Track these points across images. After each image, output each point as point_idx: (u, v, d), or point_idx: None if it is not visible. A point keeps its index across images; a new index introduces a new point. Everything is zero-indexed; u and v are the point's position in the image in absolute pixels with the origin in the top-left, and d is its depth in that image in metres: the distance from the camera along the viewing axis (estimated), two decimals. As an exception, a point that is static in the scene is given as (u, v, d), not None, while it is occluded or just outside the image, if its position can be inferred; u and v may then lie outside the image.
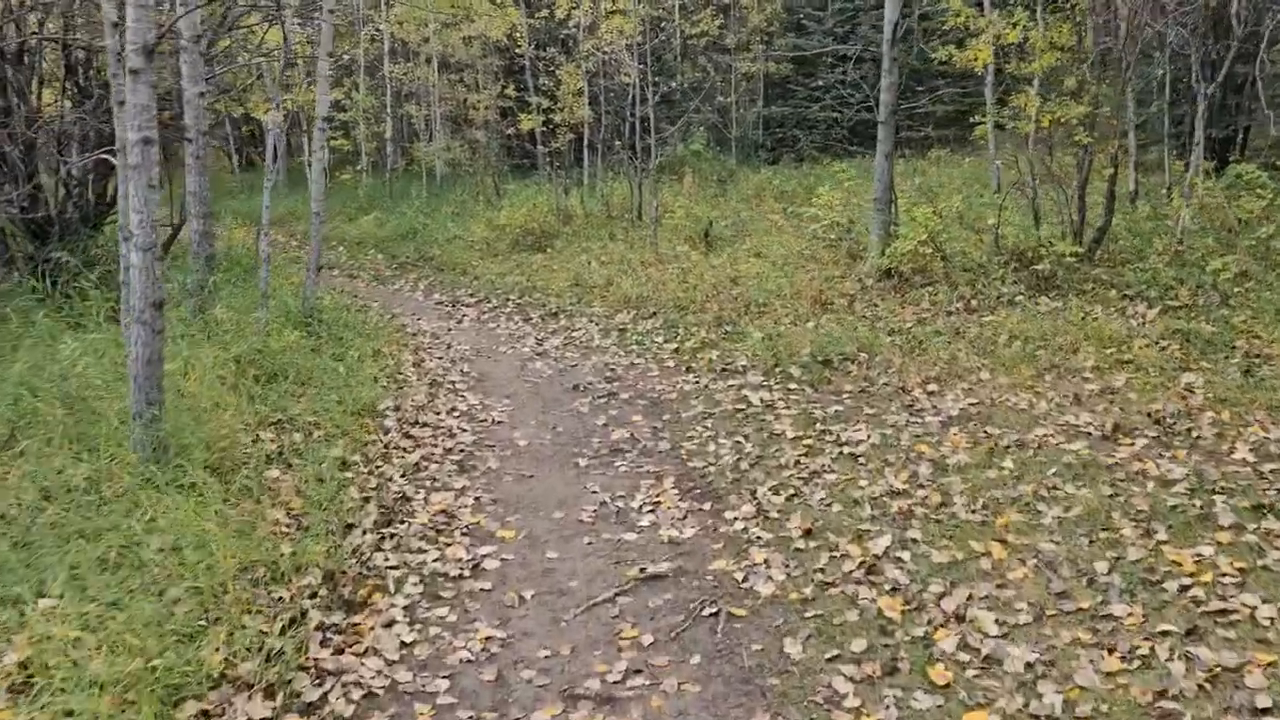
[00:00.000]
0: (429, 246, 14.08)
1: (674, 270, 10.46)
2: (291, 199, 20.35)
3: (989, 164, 14.32)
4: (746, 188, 16.77)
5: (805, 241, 10.89)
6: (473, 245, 13.74)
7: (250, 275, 10.60)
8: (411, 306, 10.97)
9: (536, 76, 18.96)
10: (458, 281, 12.10)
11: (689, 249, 11.55)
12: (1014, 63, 9.48)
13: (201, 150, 8.12)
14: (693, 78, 21.28)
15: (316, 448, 5.79)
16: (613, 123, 16.18)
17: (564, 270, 11.62)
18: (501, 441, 6.12)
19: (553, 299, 10.41)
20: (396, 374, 7.43)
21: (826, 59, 21.19)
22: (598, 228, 13.75)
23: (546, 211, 14.36)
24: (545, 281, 11.23)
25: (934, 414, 5.96)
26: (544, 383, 7.46)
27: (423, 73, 18.34)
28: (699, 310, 8.99)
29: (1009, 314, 7.85)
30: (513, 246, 13.37)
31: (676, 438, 6.01)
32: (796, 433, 5.81)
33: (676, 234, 12.43)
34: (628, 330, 8.84)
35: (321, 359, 7.30)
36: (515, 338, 9.12)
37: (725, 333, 8.33)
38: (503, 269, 12.23)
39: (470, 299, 11.13)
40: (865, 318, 8.34)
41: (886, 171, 9.41)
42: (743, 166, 18.92)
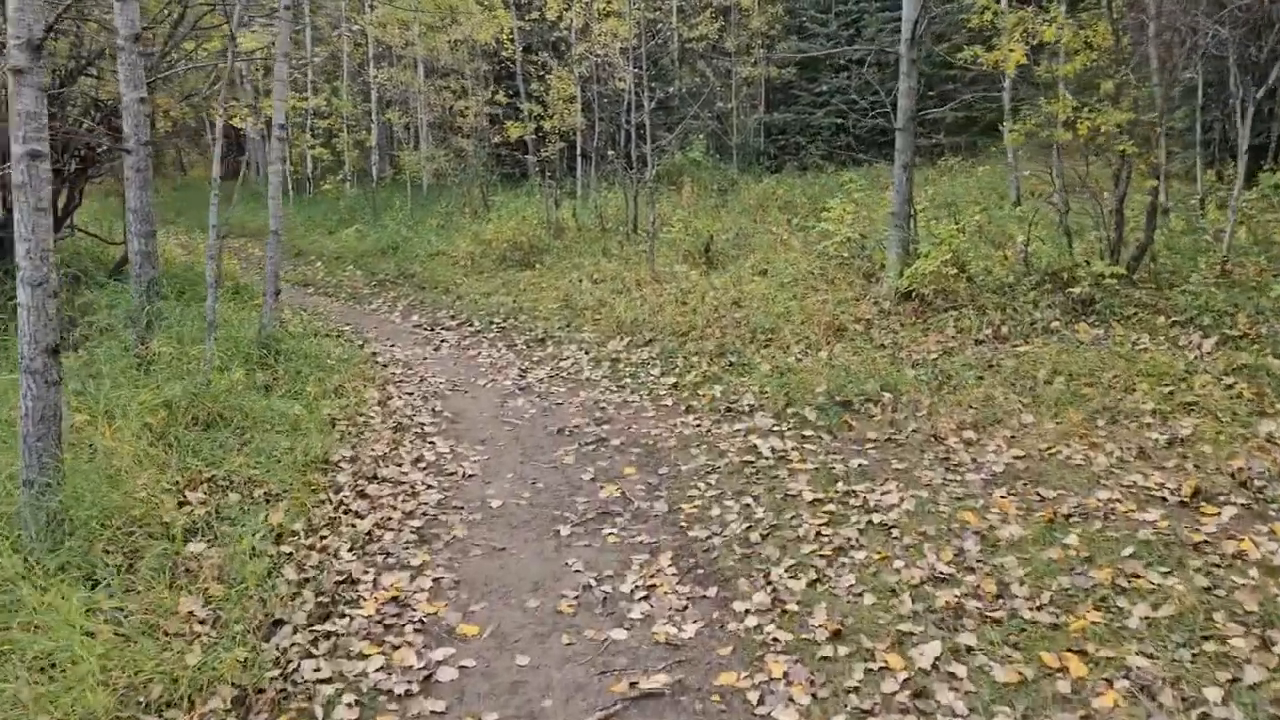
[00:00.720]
0: (411, 263, 13.27)
1: (672, 291, 9.65)
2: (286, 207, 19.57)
3: (1007, 173, 13.54)
4: (748, 198, 15.97)
5: (814, 259, 10.08)
6: (457, 261, 12.93)
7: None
8: (387, 330, 10.16)
9: (528, 82, 18.19)
10: (439, 302, 11.28)
11: (688, 267, 10.74)
12: (1044, 64, 8.69)
13: (143, 163, 7.31)
14: (691, 83, 20.51)
15: (255, 511, 4.98)
16: (607, 130, 15.39)
17: (553, 289, 10.82)
18: (471, 501, 5.30)
19: (540, 323, 9.59)
20: (358, 415, 6.60)
21: (831, 63, 20.44)
22: (590, 242, 12.95)
23: (536, 224, 13.56)
24: (533, 302, 10.41)
25: (974, 469, 5.15)
26: (525, 425, 6.64)
27: (406, 77, 17.55)
28: (699, 337, 8.17)
29: (1046, 344, 7.05)
30: (499, 263, 12.57)
31: (675, 498, 5.19)
32: (815, 494, 4.99)
33: (674, 249, 11.63)
34: (621, 361, 8.03)
35: (273, 399, 6.48)
36: (497, 368, 8.30)
37: (729, 364, 7.52)
38: (488, 288, 11.42)
39: (451, 322, 10.32)
40: (884, 347, 7.53)
41: (905, 184, 8.61)
42: (744, 175, 18.14)
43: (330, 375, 7.32)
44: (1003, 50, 8.06)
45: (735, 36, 19.80)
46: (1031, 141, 15.07)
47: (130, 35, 7.06)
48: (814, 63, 20.89)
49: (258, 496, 5.17)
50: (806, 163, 19.79)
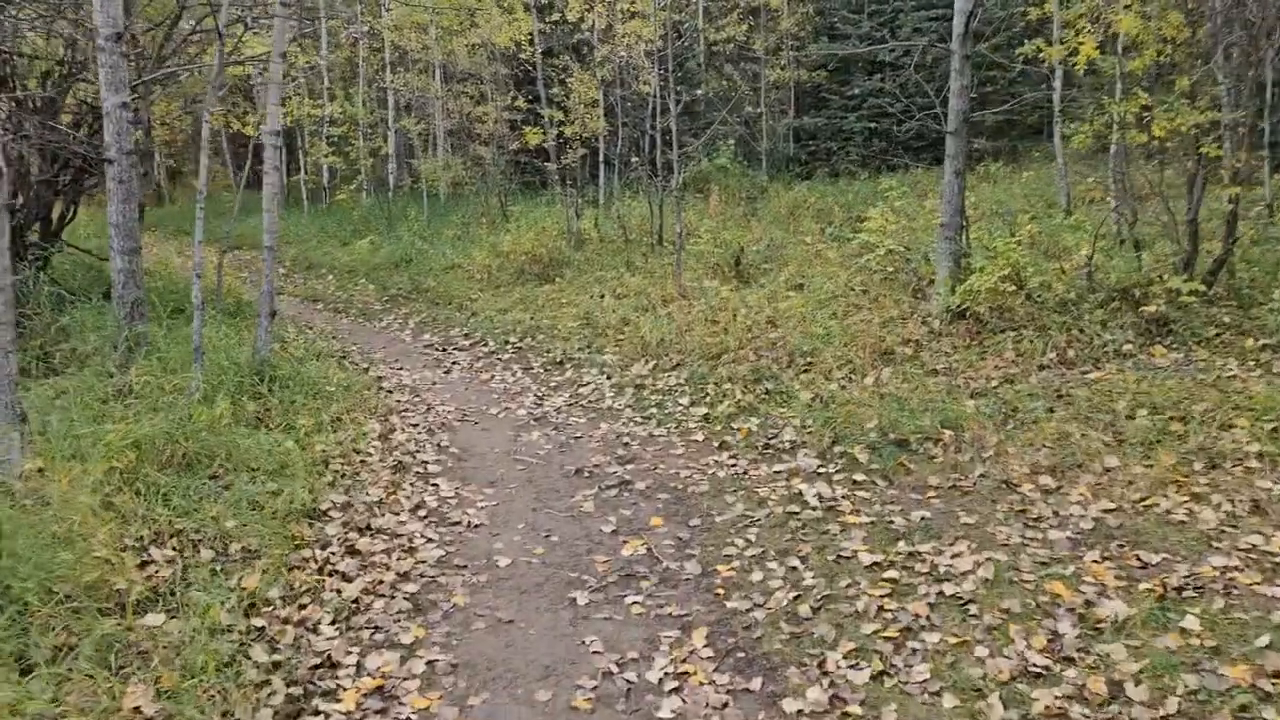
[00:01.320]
0: (424, 276, 12.69)
1: (701, 308, 8.99)
2: (286, 221, 19.07)
3: (1056, 179, 12.78)
4: (779, 206, 15.30)
5: (854, 273, 9.39)
6: (472, 275, 12.34)
7: (211, 321, 9.23)
8: (396, 351, 9.56)
9: (550, 86, 17.61)
10: (452, 319, 10.68)
11: (718, 282, 10.08)
12: (1106, 59, 7.98)
13: (125, 174, 6.75)
14: (718, 87, 19.87)
15: (229, 571, 4.39)
16: (630, 136, 14.78)
17: (573, 306, 10.19)
18: (476, 559, 4.66)
19: (559, 343, 8.96)
20: (355, 452, 5.98)
21: (863, 65, 19.74)
22: (613, 254, 12.32)
23: (556, 235, 12.95)
24: (551, 320, 9.79)
25: (1057, 525, 4.45)
26: (540, 463, 5.99)
27: (421, 82, 17.01)
28: (732, 361, 7.51)
29: (1120, 370, 6.34)
30: (517, 276, 11.96)
31: (709, 557, 4.53)
32: (873, 555, 4.31)
33: (702, 262, 10.98)
34: (646, 387, 7.38)
35: (262, 435, 5.88)
36: (511, 394, 7.68)
37: (765, 392, 6.85)
38: (504, 304, 10.81)
39: (464, 341, 9.71)
40: (937, 373, 6.84)
41: (957, 192, 7.91)
42: (774, 183, 17.47)
43: (329, 405, 6.71)
44: (1071, 42, 7.35)
45: (764, 39, 19.15)
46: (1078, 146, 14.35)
47: (111, 34, 6.51)
48: (846, 65, 20.20)
49: (234, 553, 4.56)
50: (839, 169, 19.09)
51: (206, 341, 7.59)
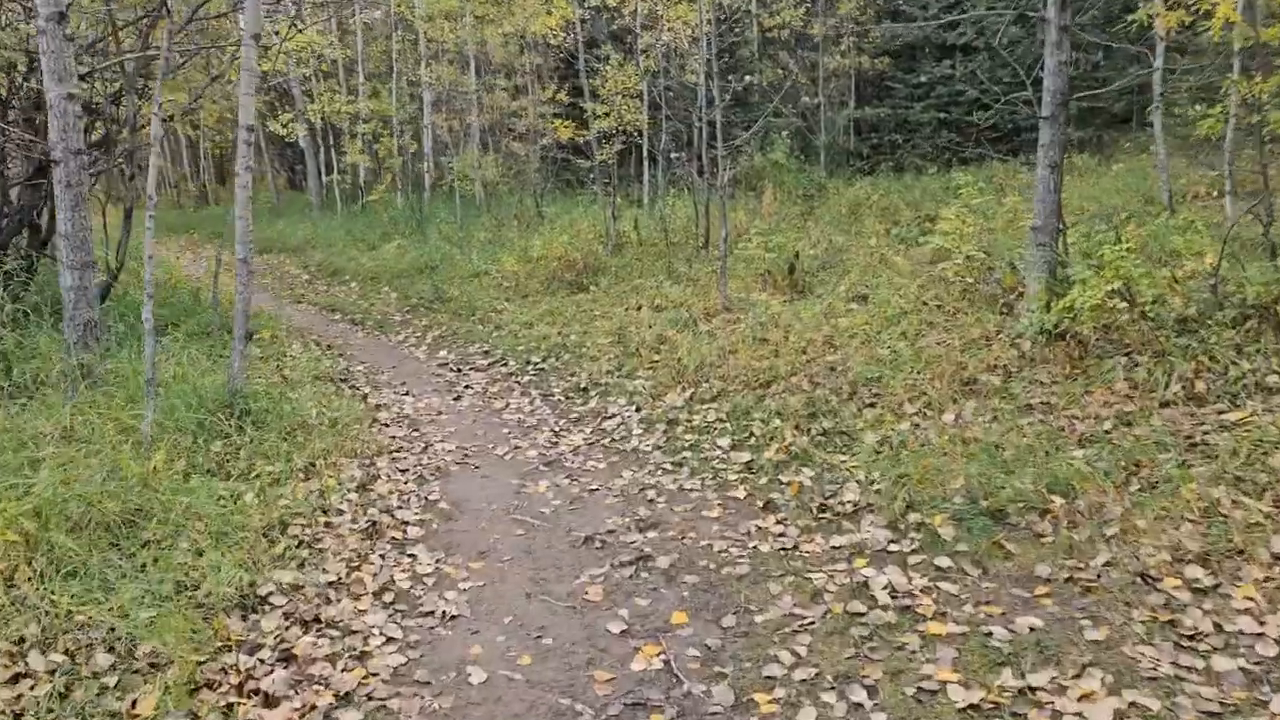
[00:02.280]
0: (449, 284, 11.75)
1: (748, 325, 7.88)
2: (316, 223, 18.34)
3: (1156, 172, 11.41)
4: (838, 205, 14.10)
5: (926, 282, 8.21)
6: (500, 283, 11.37)
7: (195, 339, 8.40)
8: (407, 370, 8.61)
9: (592, 77, 16.62)
10: (473, 333, 9.70)
11: (768, 293, 8.97)
12: (1239, 27, 6.70)
13: (74, 175, 5.87)
14: (773, 76, 18.68)
15: (127, 687, 3.44)
16: (675, 129, 13.69)
17: (606, 319, 9.15)
18: (444, 670, 3.63)
19: (586, 364, 7.92)
20: (323, 508, 5.00)
21: (930, 50, 18.41)
22: (654, 259, 11.25)
23: (592, 238, 11.93)
24: (580, 337, 8.76)
25: (1223, 648, 3.28)
26: (543, 526, 4.95)
27: (448, 73, 16.10)
28: (783, 390, 6.40)
29: (1268, 408, 5.10)
30: (548, 285, 10.95)
31: (746, 679, 3.44)
32: (969, 691, 3.18)
33: (751, 269, 9.86)
34: (679, 423, 6.30)
35: (215, 486, 4.94)
36: (524, 429, 6.66)
37: (822, 433, 5.73)
38: (530, 316, 9.80)
39: (482, 360, 8.72)
40: (1031, 409, 5.67)
41: (1051, 189, 6.70)
42: (833, 179, 16.24)
43: (306, 446, 5.75)
44: (1203, 3, 6.10)
45: (823, 23, 17.92)
46: (1173, 135, 12.91)
47: (53, 14, 5.62)
48: (911, 50, 18.89)
49: (141, 657, 3.61)
50: (904, 163, 17.80)
51: (176, 369, 6.71)
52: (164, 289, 10.71)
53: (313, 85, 19.87)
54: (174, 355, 7.23)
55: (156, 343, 5.71)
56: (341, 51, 18.94)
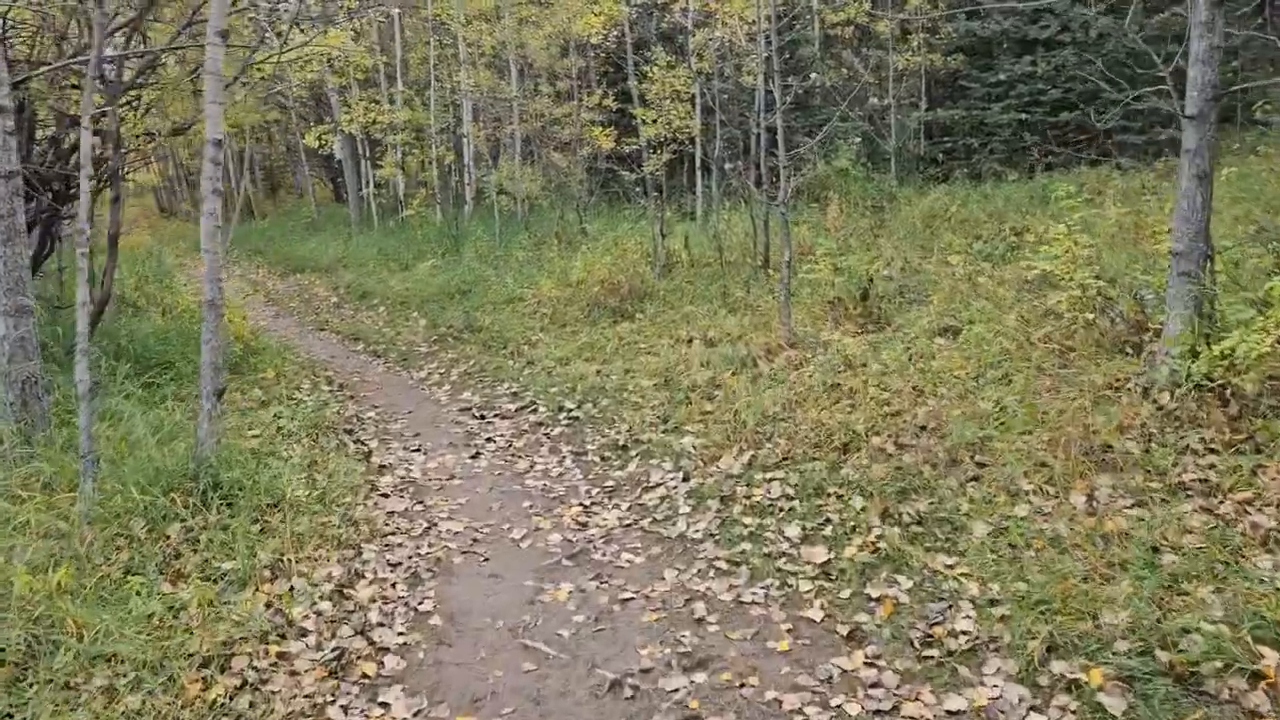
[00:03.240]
0: (482, 310, 10.76)
1: (817, 367, 6.73)
2: (349, 241, 17.52)
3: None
4: (911, 216, 12.82)
5: (1025, 311, 6.97)
6: (536, 309, 10.33)
7: (189, 383, 7.50)
8: (424, 416, 7.60)
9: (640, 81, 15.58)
10: (503, 370, 8.68)
11: (839, 327, 7.80)
12: None
13: (5, 205, 4.93)
14: (836, 77, 17.46)
15: None
16: (730, 135, 12.56)
17: (652, 355, 8.07)
18: None
19: (627, 414, 6.84)
20: (280, 631, 3.96)
21: (1009, 45, 17.02)
22: (707, 282, 10.13)
23: (639, 258, 10.84)
24: (622, 377, 7.68)
25: None
26: (560, 659, 3.85)
27: (485, 78, 15.13)
28: (863, 457, 5.25)
29: None
30: (588, 312, 9.89)
31: None
32: None
33: (818, 295, 8.70)
34: (736, 500, 5.17)
35: (149, 597, 3.95)
36: (549, 501, 5.58)
37: (917, 519, 4.57)
38: (567, 350, 8.74)
39: (510, 404, 7.68)
40: (1187, 491, 4.45)
41: (1199, 206, 5.44)
42: (903, 187, 14.96)
43: (280, 532, 4.74)
44: None
45: (890, 20, 16.66)
46: None
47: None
48: (986, 47, 17.51)
49: None
50: (980, 169, 16.42)
51: (138, 430, 5.75)
52: (173, 318, 9.86)
53: (350, 94, 19.10)
54: (145, 410, 6.30)
55: (91, 414, 4.74)
56: (379, 59, 18.13)
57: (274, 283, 16.23)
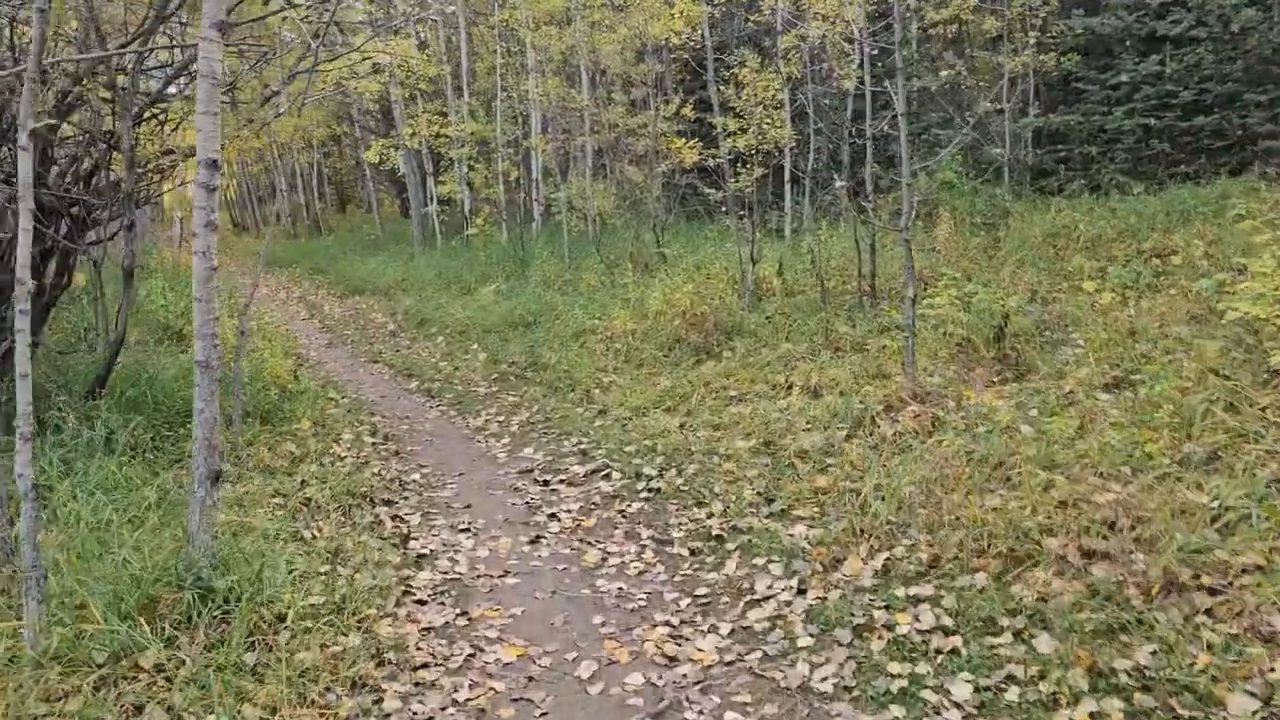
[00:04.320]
0: (548, 344, 9.67)
1: (955, 434, 5.45)
2: (410, 262, 16.63)
3: None
4: (1029, 234, 11.41)
5: (1227, 362, 5.60)
6: (610, 343, 9.20)
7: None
8: (478, 480, 6.51)
9: (723, 87, 14.42)
10: (570, 419, 7.55)
11: (970, 376, 6.52)
12: None
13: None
14: (939, 80, 16.03)
15: None
16: (825, 146, 11.30)
17: (744, 406, 6.89)
18: None
19: (721, 486, 5.65)
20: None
21: (1131, 43, 15.43)
22: (805, 314, 8.89)
23: (725, 286, 9.65)
24: (709, 435, 6.50)
25: None
26: None
27: (554, 86, 14.06)
28: (1041, 572, 3.98)
29: None
30: (668, 349, 8.73)
31: None
32: None
33: (939, 334, 7.40)
34: (874, 629, 3.93)
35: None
36: (626, 615, 4.41)
37: (1141, 681, 3.29)
38: (645, 398, 7.58)
39: (578, 465, 6.53)
40: None
41: None
42: (1016, 200, 13.52)
43: (279, 668, 3.66)
44: None
45: (1000, 18, 15.22)
46: None
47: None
48: (1104, 46, 15.95)
49: None
50: (1100, 180, 14.85)
51: (119, 517, 4.74)
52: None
53: (415, 107, 18.28)
54: (146, 478, 5.32)
55: (37, 510, 3.72)
56: (444, 68, 17.28)
57: (332, 305, 15.41)
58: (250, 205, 39.12)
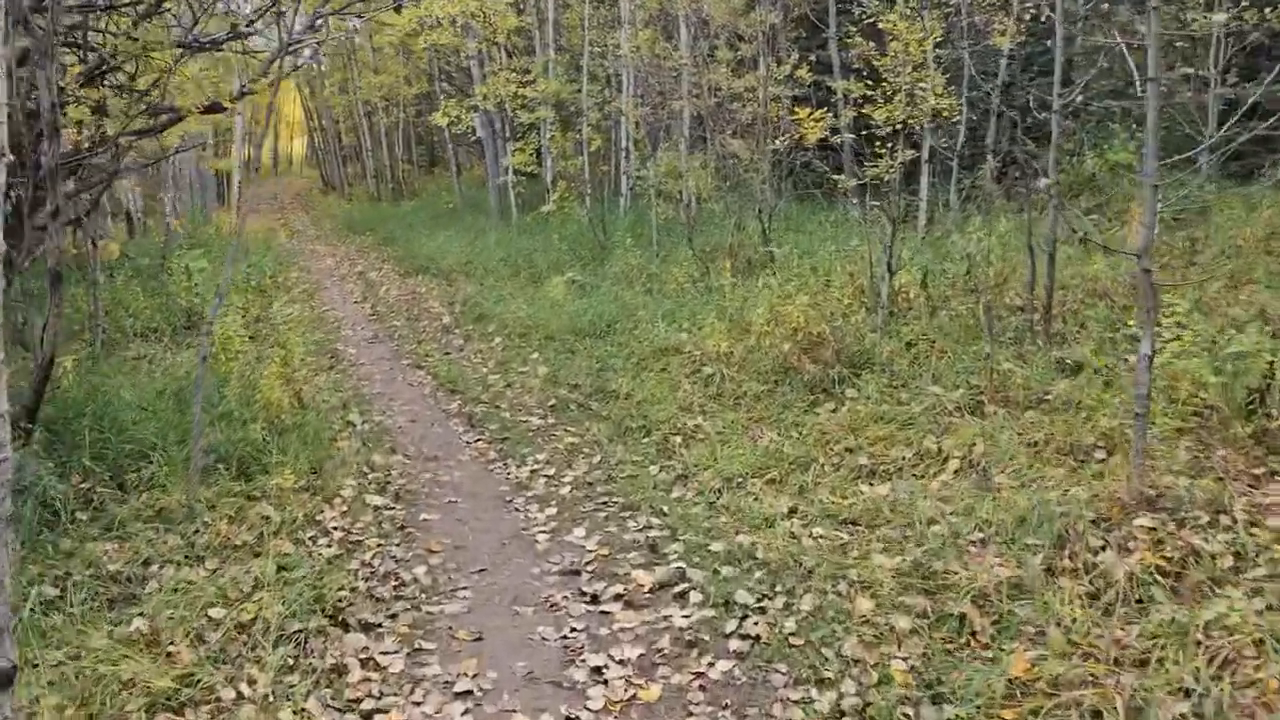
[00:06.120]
0: (621, 362, 7.83)
1: (1242, 596, 3.42)
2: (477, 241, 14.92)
3: None
4: (1237, 235, 9.08)
5: None
6: (698, 369, 7.30)
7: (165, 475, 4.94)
8: (501, 587, 4.72)
9: (846, 47, 12.28)
10: (639, 485, 5.71)
11: (1210, 458, 4.44)
12: None
13: None
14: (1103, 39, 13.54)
15: None
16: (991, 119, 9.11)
17: (881, 496, 4.94)
18: None
19: (849, 648, 3.73)
20: None
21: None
22: (956, 342, 6.84)
23: (849, 298, 7.65)
24: (834, 543, 4.58)
25: None
26: None
27: (647, 39, 12.05)
28: None
29: None
30: (773, 382, 6.79)
31: None
32: None
33: (1165, 395, 5.28)
34: None
35: None
36: None
37: None
38: (742, 461, 5.68)
39: (644, 575, 4.66)
40: None
41: None
42: (1216, 190, 11.08)
43: None
44: None
45: (1192, -40, 12.64)
46: None
47: None
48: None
49: None
50: (1312, 166, 12.22)
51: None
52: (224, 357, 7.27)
53: (494, 64, 16.51)
54: None
55: None
56: (526, 19, 15.48)
57: (389, 286, 13.83)
58: (336, 164, 38.08)
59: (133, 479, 5.43)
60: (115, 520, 5.03)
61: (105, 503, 5.22)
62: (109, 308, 9.85)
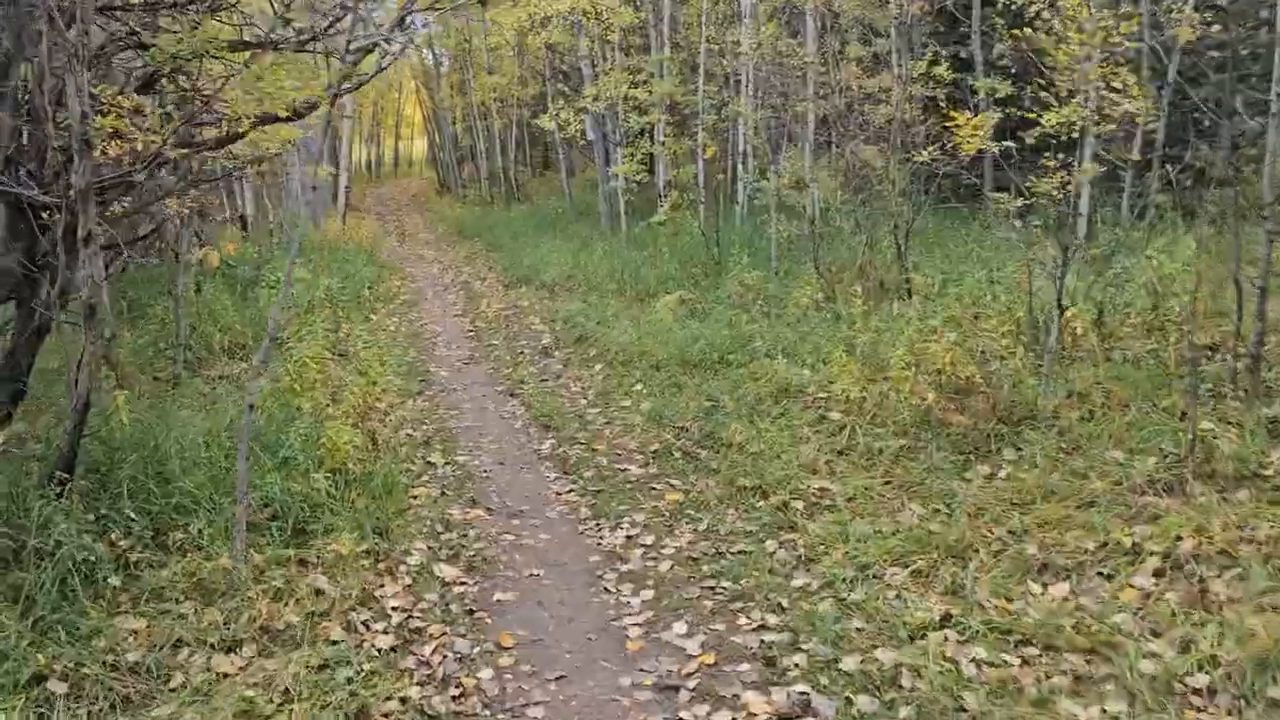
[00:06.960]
0: (734, 404, 6.92)
1: None
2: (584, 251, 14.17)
3: None
4: None
5: None
6: (823, 416, 6.35)
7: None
8: (582, 702, 3.89)
9: (991, 42, 11.13)
10: (754, 567, 4.80)
11: None
12: None
13: None
14: None
15: None
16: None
17: (1057, 602, 3.95)
18: None
19: None
20: None
21: None
22: (1140, 394, 5.72)
23: (1005, 336, 6.57)
24: (1002, 675, 3.60)
25: None
26: None
27: (770, 34, 11.08)
28: None
29: None
30: (913, 435, 5.80)
31: None
32: None
33: None
34: None
35: None
36: None
37: None
38: (878, 543, 4.73)
39: (758, 696, 3.78)
40: None
41: None
42: None
43: None
44: None
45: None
46: None
47: None
48: None
49: None
50: None
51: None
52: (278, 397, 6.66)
53: (606, 63, 15.80)
54: None
55: None
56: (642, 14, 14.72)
57: (493, 299, 13.22)
58: (452, 165, 38.16)
59: (176, 538, 4.84)
60: (149, 590, 4.44)
61: (142, 566, 4.64)
62: (197, 322, 9.49)
